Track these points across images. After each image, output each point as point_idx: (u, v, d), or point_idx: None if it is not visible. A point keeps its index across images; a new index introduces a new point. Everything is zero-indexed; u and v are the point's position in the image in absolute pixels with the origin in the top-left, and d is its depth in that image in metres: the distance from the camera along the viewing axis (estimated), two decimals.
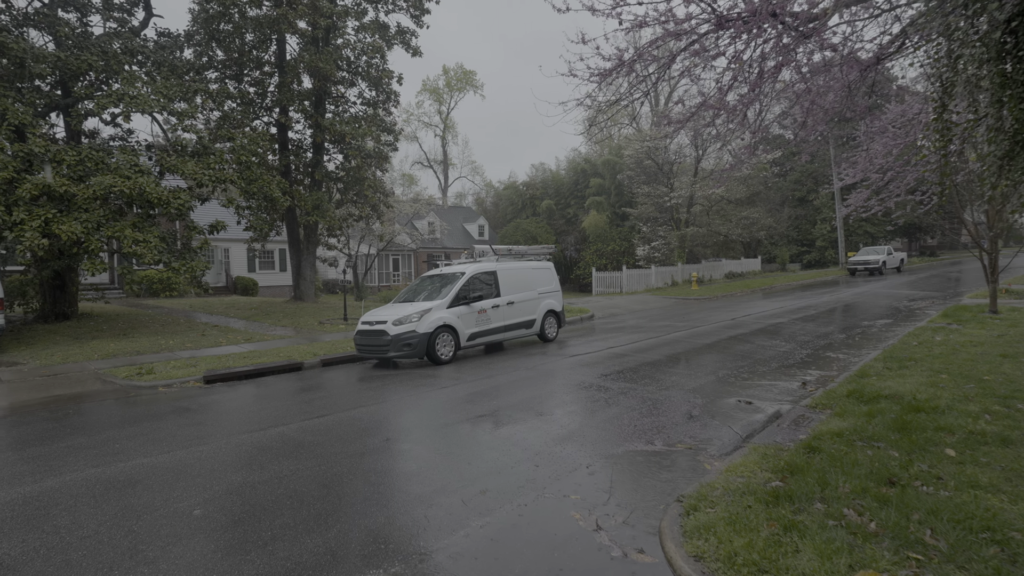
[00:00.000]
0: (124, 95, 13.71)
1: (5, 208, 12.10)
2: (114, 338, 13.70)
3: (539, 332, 12.44)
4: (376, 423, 6.35)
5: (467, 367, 9.89)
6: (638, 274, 27.90)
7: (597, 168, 48.10)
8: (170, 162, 14.16)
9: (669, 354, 10.16)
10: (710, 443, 5.31)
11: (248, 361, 10.75)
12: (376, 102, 22.97)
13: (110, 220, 13.10)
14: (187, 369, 10.04)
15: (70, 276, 16.72)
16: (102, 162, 13.28)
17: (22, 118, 13.17)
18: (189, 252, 14.84)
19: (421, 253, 45.89)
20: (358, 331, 10.64)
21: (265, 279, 34.33)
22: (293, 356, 11.23)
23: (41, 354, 11.66)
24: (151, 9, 18.11)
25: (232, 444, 5.57)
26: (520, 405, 6.92)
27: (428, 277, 12.05)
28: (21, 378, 9.61)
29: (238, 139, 16.07)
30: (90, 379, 9.55)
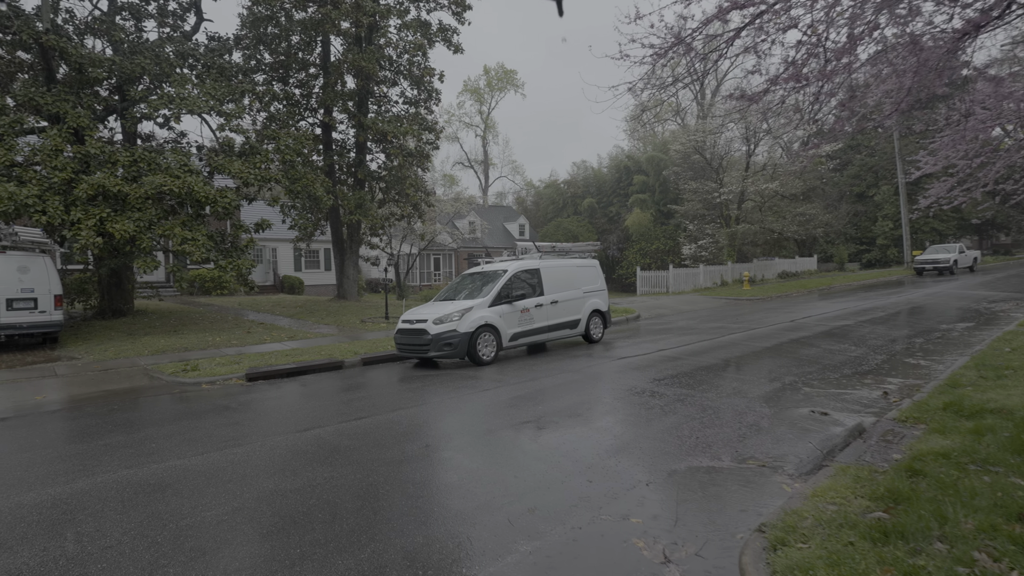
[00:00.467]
0: (175, 97, 14.01)
1: (64, 208, 12.51)
2: (165, 334, 14.01)
3: (584, 333, 11.91)
4: (415, 427, 6.00)
5: (509, 368, 9.48)
6: (685, 273, 26.86)
7: (641, 165, 46.92)
8: (218, 162, 14.38)
9: (726, 358, 9.44)
10: (785, 460, 4.70)
11: (290, 359, 10.68)
12: (418, 101, 22.92)
13: (161, 219, 13.39)
14: (231, 366, 10.03)
15: (126, 274, 17.30)
16: (154, 162, 13.58)
17: (80, 121, 13.62)
18: (236, 250, 15.05)
19: (462, 252, 45.90)
20: (398, 330, 10.40)
21: (311, 278, 35.02)
22: (334, 355, 11.11)
23: (96, 349, 11.98)
24: (202, 14, 18.57)
25: (267, 447, 5.33)
26: (567, 411, 6.44)
27: (469, 275, 11.71)
28: (75, 372, 9.83)
29: (282, 139, 16.21)
30: (138, 375, 9.67)
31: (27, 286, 11.85)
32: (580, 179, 53.14)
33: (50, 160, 12.62)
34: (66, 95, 14.09)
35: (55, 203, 12.24)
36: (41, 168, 12.67)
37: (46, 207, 12.13)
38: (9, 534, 3.56)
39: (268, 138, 16.56)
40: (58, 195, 12.57)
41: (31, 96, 13.42)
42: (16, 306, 11.69)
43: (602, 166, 53.69)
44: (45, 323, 12.01)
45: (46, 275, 12.13)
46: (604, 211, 49.26)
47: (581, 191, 51.03)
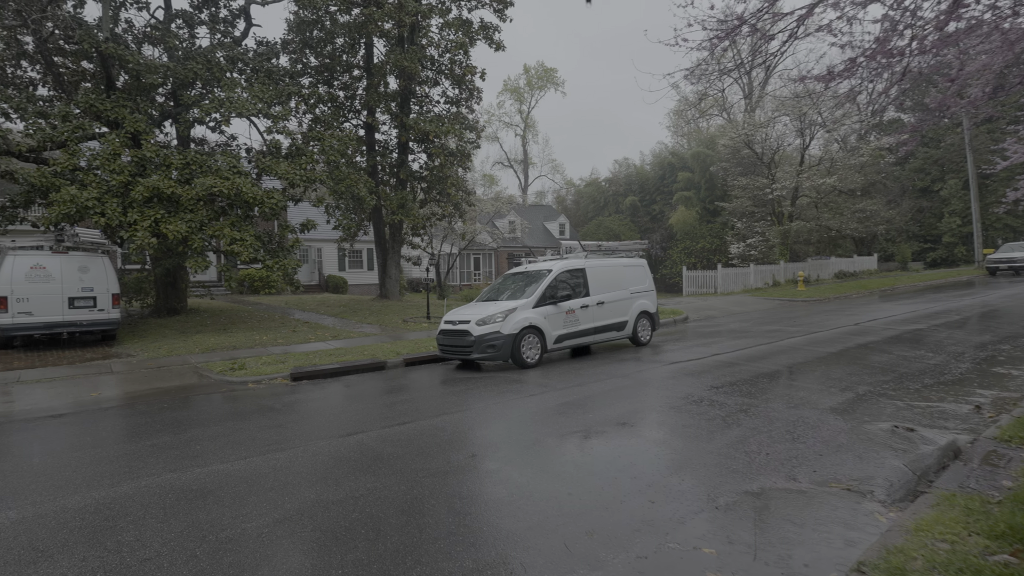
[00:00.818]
0: (225, 101, 14.31)
1: (121, 210, 12.94)
2: (215, 333, 14.34)
3: (631, 335, 11.43)
4: (460, 435, 5.75)
5: (554, 372, 9.13)
6: (735, 273, 25.79)
7: (686, 161, 45.61)
8: (265, 163, 14.61)
9: (788, 364, 8.80)
10: (873, 483, 4.18)
11: (334, 359, 10.67)
12: (459, 100, 22.84)
13: (212, 220, 13.69)
14: (276, 365, 10.08)
15: (180, 274, 17.87)
16: (205, 165, 13.91)
17: (137, 126, 14.09)
18: (282, 250, 15.27)
19: (502, 252, 45.77)
20: (441, 331, 10.22)
21: (354, 277, 35.60)
22: (377, 355, 11.04)
23: (150, 347, 12.34)
24: (251, 20, 19.00)
25: (309, 452, 5.17)
26: (619, 420, 6.05)
27: (512, 275, 11.43)
28: (129, 369, 10.09)
29: (327, 140, 16.37)
30: (189, 372, 9.83)
31: (87, 285, 12.31)
32: (622, 177, 52.16)
33: (109, 164, 13.08)
34: (124, 101, 14.62)
35: (113, 205, 12.67)
36: (101, 172, 13.15)
37: (105, 209, 12.56)
38: (51, 541, 3.49)
39: (313, 139, 16.76)
40: (116, 197, 13.02)
41: (92, 103, 13.97)
42: (77, 304, 12.15)
43: (645, 163, 52.55)
44: (104, 321, 12.45)
45: (105, 275, 12.58)
46: (647, 209, 48.15)
47: (623, 189, 50.07)
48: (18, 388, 8.68)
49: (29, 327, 11.58)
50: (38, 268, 11.78)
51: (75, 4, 15.92)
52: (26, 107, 14.07)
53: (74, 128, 13.58)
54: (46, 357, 11.25)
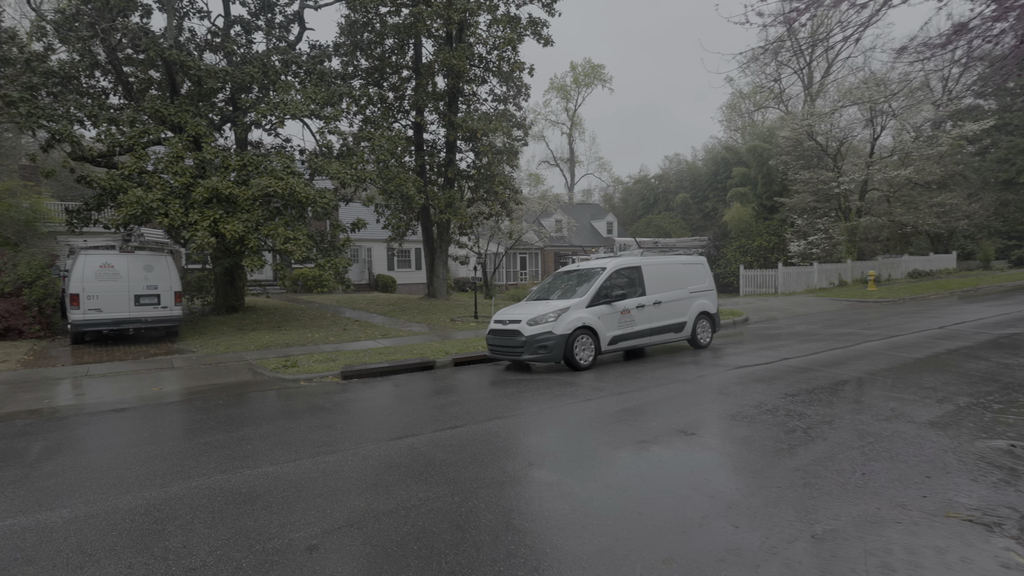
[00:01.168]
0: (279, 104, 14.59)
1: (183, 210, 13.38)
2: (269, 330, 14.64)
3: (690, 337, 10.81)
4: (514, 441, 5.42)
5: (609, 375, 8.68)
6: (796, 272, 24.40)
7: (740, 156, 43.80)
8: (317, 163, 14.81)
9: (870, 371, 8.02)
10: (1000, 513, 3.57)
11: (383, 357, 10.60)
12: (506, 97, 22.61)
13: (267, 220, 13.98)
14: (328, 363, 10.09)
15: (238, 273, 18.42)
16: (261, 166, 14.22)
17: (198, 129, 14.56)
18: (334, 249, 15.45)
19: (548, 251, 45.32)
20: (490, 330, 9.94)
21: (403, 277, 36.06)
22: (426, 354, 10.90)
23: (209, 343, 12.67)
24: (304, 24, 19.39)
25: (359, 456, 4.98)
26: (687, 430, 5.57)
27: (564, 273, 11.03)
28: (189, 365, 10.34)
29: (377, 139, 16.46)
30: (244, 369, 9.96)
31: (152, 283, 12.77)
32: (672, 173, 50.70)
33: (172, 166, 13.56)
34: (187, 106, 15.15)
35: (176, 206, 13.10)
36: (165, 175, 13.64)
37: (168, 210, 13.01)
38: (100, 544, 3.39)
39: (364, 139, 16.90)
40: (178, 199, 13.47)
41: (157, 108, 14.53)
42: (142, 302, 12.63)
43: (696, 159, 50.87)
44: (166, 318, 12.89)
45: (168, 273, 13.03)
46: (699, 206, 46.58)
47: (674, 186, 48.64)
48: (87, 382, 9.00)
49: (98, 323, 12.11)
50: (107, 267, 12.31)
51: (142, 14, 16.65)
52: (98, 114, 14.78)
53: (140, 133, 14.16)
54: (113, 352, 11.72)
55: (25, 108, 13.31)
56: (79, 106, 14.99)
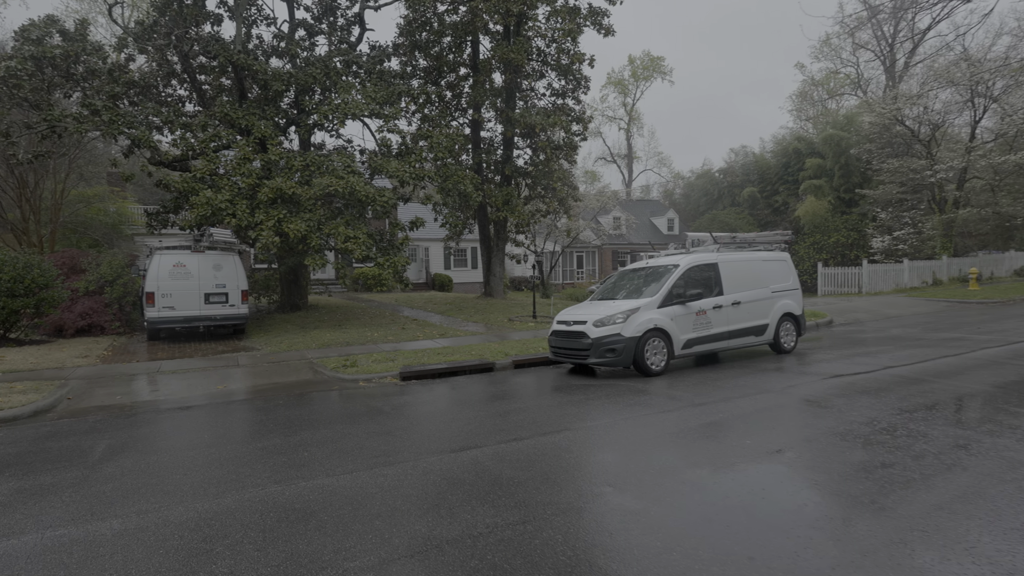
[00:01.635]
0: (341, 104, 14.66)
1: (250, 211, 13.66)
2: (330, 328, 14.75)
3: (772, 341, 9.86)
4: (588, 458, 4.87)
5: (684, 383, 7.94)
6: (883, 270, 22.38)
7: (814, 146, 41.04)
8: (377, 162, 14.78)
9: (999, 383, 6.89)
10: None
11: (442, 358, 10.30)
12: (564, 91, 21.98)
13: (328, 219, 14.07)
14: (386, 363, 9.89)
15: (301, 272, 18.82)
16: (323, 166, 14.34)
17: (264, 131, 14.86)
18: (392, 248, 15.40)
19: (606, 249, 44.24)
20: (553, 331, 9.41)
21: (459, 276, 36.14)
22: (485, 355, 10.51)
23: (273, 341, 12.86)
24: (364, 25, 19.56)
25: (419, 470, 4.58)
26: (788, 451, 4.82)
27: (631, 271, 10.33)
28: (253, 363, 10.43)
29: (435, 137, 16.29)
30: (305, 368, 9.93)
31: (220, 282, 13.11)
32: (738, 166, 48.22)
33: (239, 168, 13.88)
34: (253, 110, 15.52)
35: (243, 207, 13.39)
36: (233, 176, 14.00)
37: (236, 210, 13.31)
38: (145, 563, 3.13)
39: (422, 137, 16.77)
40: (246, 199, 13.78)
41: (227, 112, 14.94)
42: (212, 300, 12.98)
43: (765, 151, 48.13)
44: (234, 316, 13.20)
45: (235, 272, 13.33)
46: (767, 201, 44.02)
47: (740, 180, 46.21)
48: (158, 378, 9.20)
49: (171, 320, 12.53)
50: (179, 266, 12.72)
51: (213, 23, 17.26)
52: (174, 120, 15.39)
53: (211, 137, 14.60)
54: (184, 349, 12.08)
55: (108, 116, 14.00)
56: (156, 113, 15.68)
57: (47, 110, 14.32)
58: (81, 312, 13.23)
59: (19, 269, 11.35)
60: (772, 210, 43.73)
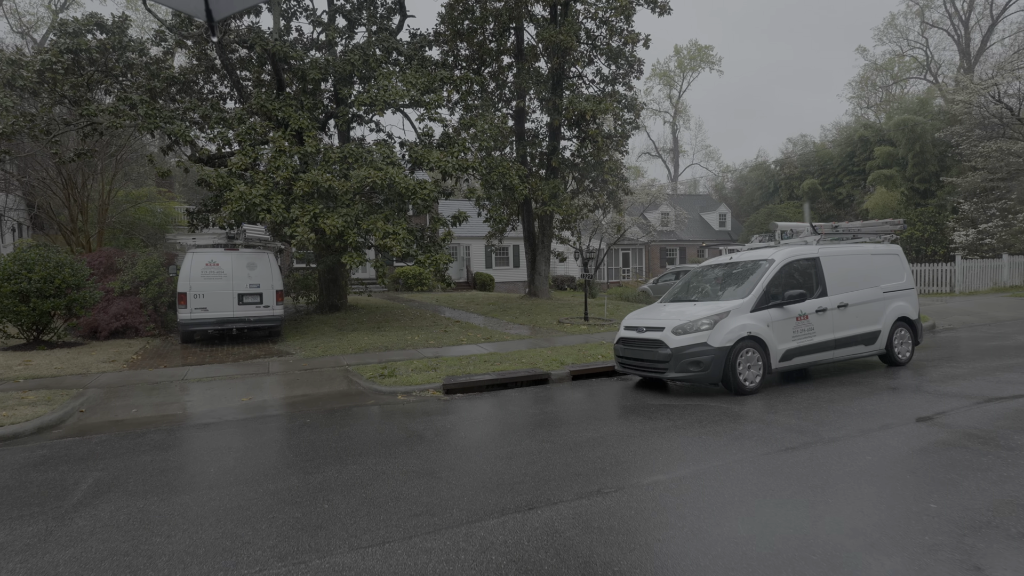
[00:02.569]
0: (380, 92, 13.72)
1: (285, 206, 12.87)
2: (369, 331, 13.84)
3: (884, 351, 8.20)
4: (709, 528, 3.52)
5: (788, 405, 6.45)
6: (980, 267, 19.89)
7: (884, 134, 37.86)
8: (418, 152, 13.76)
9: None
10: None
11: (489, 367, 9.12)
12: (615, 77, 20.48)
13: (367, 214, 13.14)
14: (428, 373, 8.79)
15: (340, 271, 18.06)
16: (361, 158, 13.42)
17: (301, 123, 14.08)
18: (434, 245, 14.37)
19: (653, 247, 42.26)
20: (621, 339, 8.04)
21: (500, 275, 35.06)
22: (536, 363, 9.27)
23: (308, 344, 12.00)
24: (405, 12, 18.64)
25: (476, 542, 3.35)
26: (1013, 523, 3.35)
27: (710, 267, 8.84)
28: (285, 370, 9.53)
29: (479, 125, 15.15)
30: (339, 377, 8.94)
31: (254, 282, 12.35)
32: (796, 158, 45.17)
33: (275, 161, 13.12)
34: (291, 102, 14.79)
35: (278, 202, 12.60)
36: (268, 171, 13.25)
37: (271, 206, 12.53)
38: None
39: (466, 127, 15.67)
40: (281, 194, 13.01)
41: (263, 103, 14.23)
42: (245, 301, 12.24)
43: (826, 140, 44.95)
44: (268, 317, 12.43)
45: (270, 271, 12.56)
46: (829, 193, 41.00)
47: (799, 171, 43.25)
48: (182, 387, 8.39)
49: (204, 323, 11.85)
50: (212, 265, 12.02)
51: (251, 13, 16.65)
52: (210, 115, 14.81)
53: (247, 130, 13.92)
54: (216, 353, 11.35)
55: (144, 110, 13.49)
56: (195, 107, 15.15)
57: (85, 106, 13.97)
58: (116, 313, 12.75)
59: (50, 268, 10.86)
60: (834, 203, 40.71)
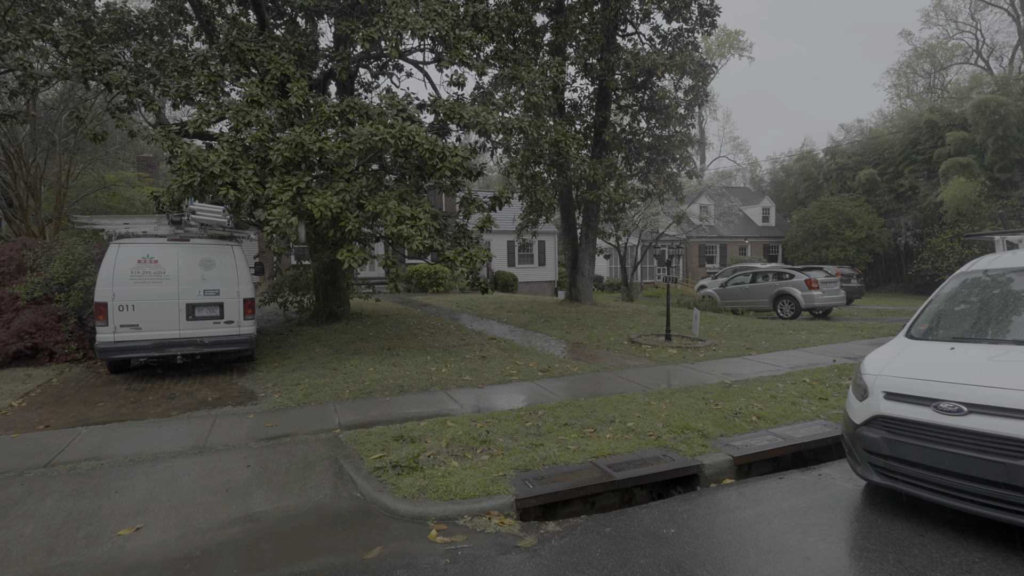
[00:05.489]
0: (392, 20, 9.86)
1: (258, 179, 9.07)
2: (376, 355, 10.01)
3: None
4: None
5: None
6: None
7: (955, 118, 33.50)
8: (445, 106, 9.86)
9: None
10: None
11: (576, 437, 5.27)
12: (681, 33, 16.47)
13: (373, 192, 9.30)
14: (478, 462, 4.95)
15: (341, 270, 14.27)
16: (367, 112, 9.58)
17: (285, 68, 10.25)
18: (464, 237, 10.51)
19: (692, 244, 38.18)
20: (885, 418, 3.89)
21: (524, 274, 31.19)
22: (651, 428, 5.42)
23: (287, 380, 8.20)
24: None
25: None
26: None
27: (1004, 275, 4.86)
28: (238, 439, 5.72)
29: (524, 75, 11.22)
30: (323, 460, 5.11)
31: (211, 287, 8.55)
32: (847, 146, 40.80)
33: (244, 114, 9.31)
34: (271, 41, 10.98)
35: (248, 172, 8.82)
36: (234, 127, 9.44)
37: (237, 178, 8.75)
38: None
39: (505, 80, 11.73)
40: (253, 163, 9.22)
41: (233, 42, 10.41)
42: (198, 314, 8.43)
43: (883, 126, 40.52)
44: (231, 338, 8.61)
45: (235, 272, 8.75)
46: (888, 185, 36.64)
47: (852, 161, 38.89)
48: (26, 488, 4.60)
49: (133, 347, 8.05)
50: (148, 262, 8.23)
51: None
52: (166, 60, 11.00)
53: (210, 78, 10.11)
54: (146, 394, 7.56)
55: (68, 47, 9.74)
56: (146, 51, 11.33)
57: None
58: (20, 330, 9.01)
59: None
60: (895, 196, 36.41)
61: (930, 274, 32.54)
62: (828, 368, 8.54)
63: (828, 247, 35.17)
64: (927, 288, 33.50)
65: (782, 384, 7.58)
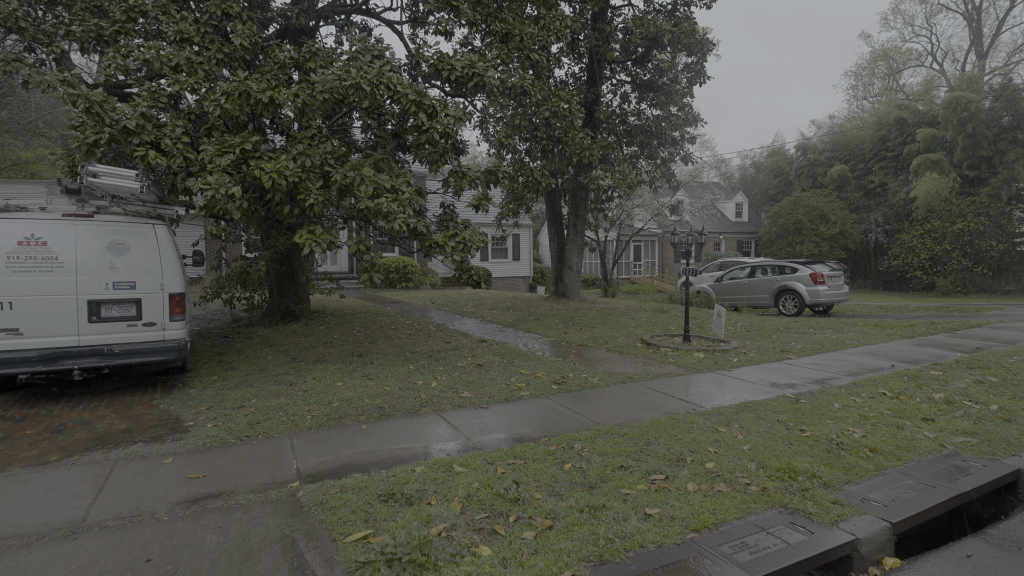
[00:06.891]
0: None
1: (190, 140, 7.01)
2: (345, 365, 8.09)
3: None
4: None
5: None
6: None
7: (925, 116, 33.76)
8: (428, 56, 8.00)
9: None
10: None
11: (664, 501, 3.61)
12: (675, 7, 15.05)
13: (341, 158, 7.38)
14: (518, 535, 3.23)
15: (299, 261, 12.19)
16: (329, 60, 7.62)
17: (228, 8, 8.17)
18: (452, 218, 8.68)
19: (666, 239, 37.25)
20: None
21: (499, 269, 29.47)
22: (761, 483, 3.81)
23: (228, 400, 6.22)
24: None
25: None
26: None
27: None
28: (131, 511, 3.80)
29: (522, 31, 9.45)
30: (271, 547, 3.28)
31: (124, 279, 6.47)
32: (817, 142, 40.82)
33: (171, 58, 7.21)
34: None
35: (175, 131, 6.76)
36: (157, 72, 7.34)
37: (161, 137, 6.69)
38: None
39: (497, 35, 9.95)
40: (183, 119, 7.15)
41: None
42: (104, 315, 6.33)
43: (851, 124, 40.71)
44: (151, 345, 6.54)
45: (158, 259, 6.67)
46: (859, 182, 36.73)
47: (824, 157, 38.85)
48: None
49: (11, 359, 5.90)
50: (33, 244, 6.08)
51: None
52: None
53: (128, 12, 7.94)
54: (22, 426, 5.45)
55: None
56: None
57: None
58: None
59: None
60: (864, 192, 36.52)
61: (900, 270, 32.62)
62: (895, 376, 7.19)
63: (802, 243, 34.93)
64: (897, 284, 33.66)
65: (858, 399, 6.15)
